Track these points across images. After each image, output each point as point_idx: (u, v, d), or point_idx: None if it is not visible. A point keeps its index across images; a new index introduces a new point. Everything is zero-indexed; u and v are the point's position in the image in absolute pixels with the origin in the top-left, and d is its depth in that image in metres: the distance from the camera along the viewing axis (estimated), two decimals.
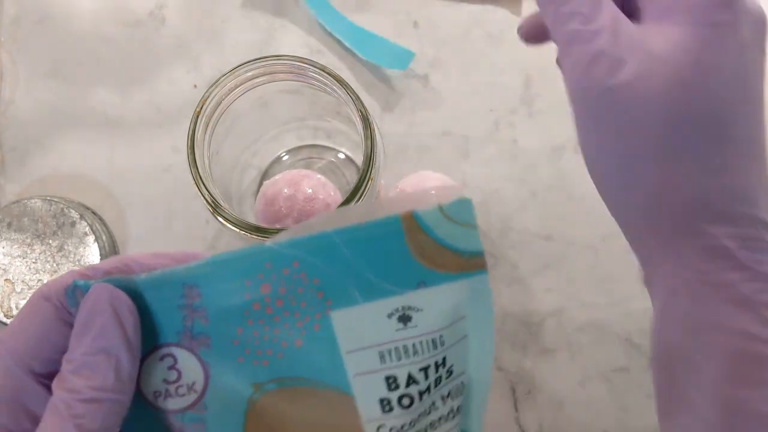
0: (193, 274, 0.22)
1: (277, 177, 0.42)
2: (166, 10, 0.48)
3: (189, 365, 0.23)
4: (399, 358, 0.23)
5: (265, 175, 0.46)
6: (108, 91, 0.48)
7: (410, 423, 0.23)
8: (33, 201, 0.43)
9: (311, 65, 0.35)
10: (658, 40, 0.23)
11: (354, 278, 0.22)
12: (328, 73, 0.35)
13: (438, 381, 0.23)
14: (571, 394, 0.43)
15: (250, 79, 0.36)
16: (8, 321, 0.42)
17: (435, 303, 0.22)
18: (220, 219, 0.35)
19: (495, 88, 0.48)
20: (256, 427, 0.24)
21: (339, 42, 0.48)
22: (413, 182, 0.44)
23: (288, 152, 0.46)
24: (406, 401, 0.23)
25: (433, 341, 0.23)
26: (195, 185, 0.34)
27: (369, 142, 0.35)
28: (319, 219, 0.22)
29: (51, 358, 0.22)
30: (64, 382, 0.21)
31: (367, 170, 0.34)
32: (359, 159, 0.36)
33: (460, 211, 0.22)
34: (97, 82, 0.48)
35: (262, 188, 0.43)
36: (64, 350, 0.22)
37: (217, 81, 0.35)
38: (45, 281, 0.43)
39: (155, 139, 0.47)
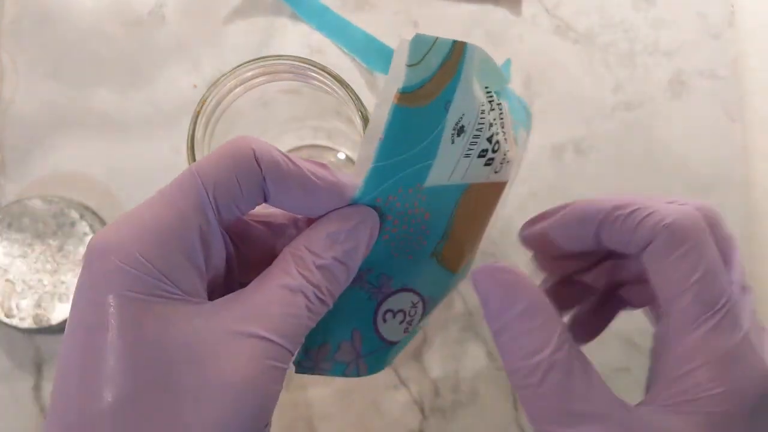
0: None
1: None
2: (166, 9, 0.48)
3: (401, 300, 0.28)
4: (475, 143, 0.27)
5: None
6: (108, 91, 0.48)
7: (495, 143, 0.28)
8: (33, 201, 0.43)
9: (311, 65, 0.35)
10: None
11: (413, 162, 0.25)
12: (328, 73, 0.35)
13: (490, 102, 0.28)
14: None
15: (250, 79, 0.36)
16: (8, 321, 0.42)
17: (465, 102, 0.26)
18: None
19: None
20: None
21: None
22: None
23: (288, 152, 0.46)
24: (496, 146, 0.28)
25: (482, 112, 0.27)
26: None
27: None
28: (358, 166, 0.25)
29: (238, 207, 0.23)
30: (308, 269, 0.23)
31: None
32: None
33: (417, 51, 0.23)
34: (97, 82, 0.48)
35: None
36: (248, 204, 0.24)
37: (217, 81, 0.35)
38: (45, 281, 0.43)
39: (155, 139, 0.47)
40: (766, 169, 0.48)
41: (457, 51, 0.25)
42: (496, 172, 0.29)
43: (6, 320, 0.42)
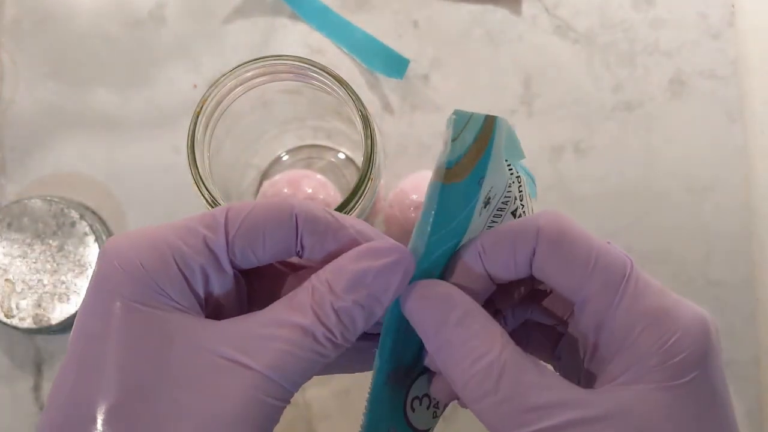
0: None
1: (276, 177, 0.42)
2: (166, 10, 0.48)
3: (423, 383, 0.26)
4: (499, 216, 0.27)
5: (265, 175, 0.46)
6: (108, 91, 0.48)
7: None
8: (33, 201, 0.43)
9: (311, 65, 0.35)
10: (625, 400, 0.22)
11: (447, 240, 0.24)
12: (328, 73, 0.35)
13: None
14: None
15: (250, 79, 0.36)
16: (8, 321, 0.42)
17: (495, 175, 0.25)
18: None
19: (495, 88, 0.48)
20: None
21: None
22: (413, 182, 0.44)
23: (288, 152, 0.46)
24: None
25: (509, 185, 0.27)
26: (195, 185, 0.34)
27: (369, 142, 0.34)
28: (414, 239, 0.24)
29: (256, 255, 0.23)
30: (322, 309, 0.22)
31: (367, 170, 0.34)
32: (359, 159, 0.36)
33: (457, 126, 0.23)
34: (97, 82, 0.48)
35: (262, 188, 0.43)
36: (268, 255, 0.23)
37: (217, 81, 0.35)
38: (45, 281, 0.43)
39: (155, 139, 0.47)
40: (766, 169, 0.48)
41: (488, 125, 0.24)
42: None
43: (6, 320, 0.42)
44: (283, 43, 0.48)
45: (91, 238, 0.43)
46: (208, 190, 0.34)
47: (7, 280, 0.43)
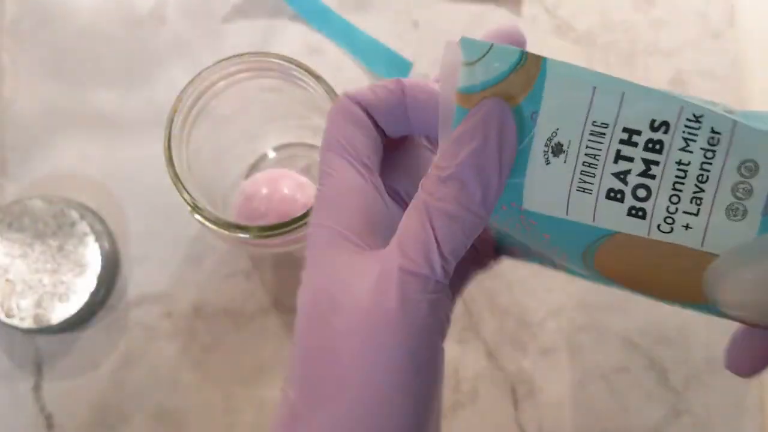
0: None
1: (257, 175, 0.42)
2: (166, 10, 0.48)
3: None
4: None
5: (249, 173, 0.45)
6: (108, 91, 0.48)
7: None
8: (33, 201, 0.43)
9: (293, 63, 0.35)
10: None
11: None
12: (310, 74, 0.35)
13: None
14: (571, 394, 0.43)
15: (232, 74, 0.36)
16: (8, 321, 0.42)
17: (562, 117, 0.22)
18: (198, 217, 0.35)
19: None
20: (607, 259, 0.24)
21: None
22: None
23: (274, 149, 0.46)
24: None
25: (599, 135, 0.22)
26: (173, 184, 0.34)
27: None
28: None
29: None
30: (432, 187, 0.22)
31: None
32: None
33: (470, 53, 0.22)
34: (97, 82, 0.48)
35: (242, 186, 0.42)
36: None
37: (194, 78, 0.35)
38: (45, 281, 0.43)
39: (155, 138, 0.47)
40: None
41: (533, 63, 0.22)
42: (661, 230, 0.22)
43: (6, 320, 0.42)
44: (283, 43, 0.48)
45: (91, 238, 0.43)
46: (185, 189, 0.34)
47: (7, 280, 0.43)
